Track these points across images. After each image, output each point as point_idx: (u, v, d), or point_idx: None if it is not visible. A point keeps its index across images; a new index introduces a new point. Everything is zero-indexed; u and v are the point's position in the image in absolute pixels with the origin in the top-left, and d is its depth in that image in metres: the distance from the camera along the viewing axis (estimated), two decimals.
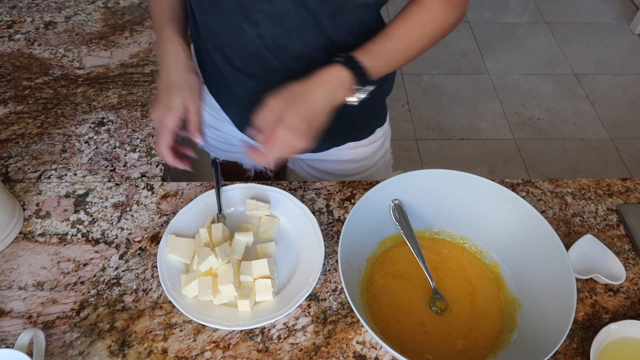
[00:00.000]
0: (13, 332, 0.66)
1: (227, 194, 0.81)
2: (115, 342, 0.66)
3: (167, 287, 0.68)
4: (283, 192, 0.79)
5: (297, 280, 0.71)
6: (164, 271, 0.70)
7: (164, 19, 0.76)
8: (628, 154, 2.28)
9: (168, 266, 0.71)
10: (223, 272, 0.69)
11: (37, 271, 0.72)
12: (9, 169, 0.85)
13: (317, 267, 0.70)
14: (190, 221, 0.76)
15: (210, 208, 0.78)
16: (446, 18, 0.73)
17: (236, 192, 0.81)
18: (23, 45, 1.08)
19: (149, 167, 0.86)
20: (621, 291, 0.73)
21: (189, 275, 0.69)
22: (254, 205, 0.78)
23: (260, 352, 0.65)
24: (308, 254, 0.73)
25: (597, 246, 0.75)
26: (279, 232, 0.78)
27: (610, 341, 0.65)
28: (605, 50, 2.81)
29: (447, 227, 0.76)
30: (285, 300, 0.68)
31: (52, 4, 1.19)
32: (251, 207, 0.78)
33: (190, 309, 0.66)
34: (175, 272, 0.70)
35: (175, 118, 0.71)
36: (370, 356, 0.65)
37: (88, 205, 0.80)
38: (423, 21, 0.73)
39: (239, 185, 0.81)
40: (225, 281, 0.68)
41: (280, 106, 0.66)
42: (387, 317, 0.68)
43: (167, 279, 0.69)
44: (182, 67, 0.73)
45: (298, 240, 0.76)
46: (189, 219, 0.77)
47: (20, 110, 0.95)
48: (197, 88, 0.73)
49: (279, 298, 0.69)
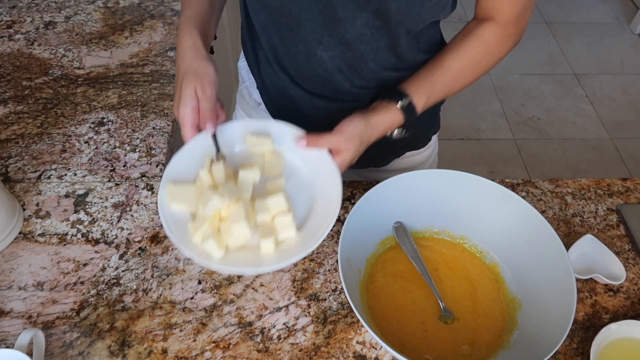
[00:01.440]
0: (13, 332, 0.66)
1: (225, 135, 0.72)
2: (115, 342, 0.66)
3: (177, 238, 0.61)
4: (285, 124, 0.73)
5: (317, 215, 0.66)
6: (170, 224, 0.62)
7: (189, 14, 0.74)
8: (628, 154, 2.28)
9: (174, 219, 0.63)
10: (233, 212, 0.63)
11: (37, 271, 0.72)
12: (8, 169, 0.85)
13: (336, 199, 0.65)
14: (188, 166, 0.69)
15: (206, 150, 0.70)
16: (502, 50, 0.75)
17: (234, 131, 0.73)
18: (23, 45, 1.08)
19: (149, 167, 0.86)
20: (621, 291, 0.73)
21: (197, 222, 0.63)
22: (256, 140, 0.71)
23: (260, 352, 0.65)
24: (323, 187, 0.68)
25: (597, 246, 0.75)
26: (286, 168, 0.71)
27: (610, 341, 0.65)
28: (605, 50, 2.81)
29: (447, 227, 0.76)
30: (308, 236, 0.63)
31: (52, 4, 1.19)
32: (253, 143, 0.71)
33: (206, 259, 0.60)
34: (182, 225, 0.63)
35: (189, 110, 0.67)
36: (370, 356, 0.65)
37: (88, 205, 0.80)
38: (480, 55, 0.74)
39: (236, 122, 0.74)
40: (237, 220, 0.61)
41: (352, 148, 0.69)
42: (388, 316, 0.67)
43: (175, 230, 0.62)
44: (191, 56, 0.70)
45: (309, 174, 0.70)
46: (186, 165, 0.69)
47: (20, 110, 0.95)
48: (206, 73, 0.69)
49: (301, 235, 0.64)
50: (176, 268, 0.73)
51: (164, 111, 0.95)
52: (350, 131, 0.69)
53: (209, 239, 0.61)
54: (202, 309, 0.69)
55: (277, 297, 0.71)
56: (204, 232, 0.62)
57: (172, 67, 1.04)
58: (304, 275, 0.73)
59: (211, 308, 0.69)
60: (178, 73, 0.71)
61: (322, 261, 0.74)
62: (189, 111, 0.67)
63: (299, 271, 0.73)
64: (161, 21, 1.15)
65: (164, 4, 1.19)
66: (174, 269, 0.73)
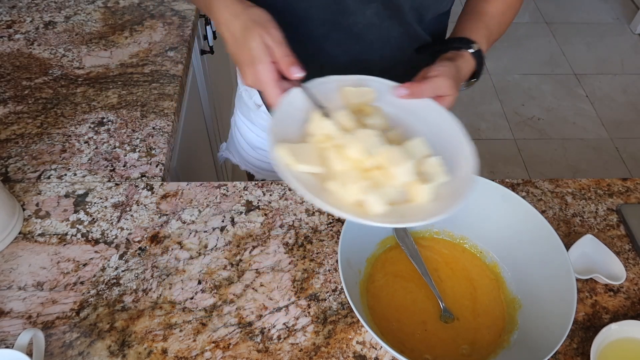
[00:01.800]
0: (13, 332, 0.66)
1: (316, 91, 0.63)
2: (115, 342, 0.66)
3: (324, 200, 0.52)
4: (374, 77, 0.66)
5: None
6: (310, 187, 0.53)
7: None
8: (628, 154, 2.28)
9: (304, 182, 0.54)
10: (387, 156, 0.54)
11: (37, 271, 0.72)
12: (8, 169, 0.85)
13: (464, 141, 0.61)
14: (292, 127, 0.60)
15: (302, 111, 0.61)
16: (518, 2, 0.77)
17: (326, 87, 0.65)
18: (23, 45, 1.08)
19: (149, 167, 0.86)
20: (621, 291, 0.73)
21: (342, 178, 0.54)
22: (356, 93, 0.63)
23: (260, 352, 0.65)
24: (441, 137, 0.62)
25: (597, 246, 0.75)
26: (393, 124, 0.63)
27: (610, 341, 0.65)
28: (605, 50, 2.81)
29: (447, 227, 0.76)
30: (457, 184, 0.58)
31: (52, 4, 1.19)
32: (351, 95, 0.63)
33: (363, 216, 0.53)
34: (312, 186, 0.55)
35: (267, 66, 0.59)
36: (370, 356, 0.65)
37: (88, 205, 0.80)
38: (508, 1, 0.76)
39: (325, 79, 0.65)
40: (398, 162, 0.53)
41: (455, 92, 0.66)
42: (388, 316, 0.67)
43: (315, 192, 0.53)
44: (238, 10, 0.61)
45: (422, 127, 0.63)
46: (290, 125, 0.60)
47: (19, 110, 0.95)
48: (266, 19, 0.61)
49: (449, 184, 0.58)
50: (176, 268, 0.73)
51: (164, 111, 0.95)
52: (452, 74, 0.65)
53: (370, 192, 0.53)
54: (202, 309, 0.69)
55: (277, 297, 0.71)
56: (362, 186, 0.54)
57: (172, 67, 1.04)
58: (304, 275, 0.73)
59: (211, 308, 0.69)
60: (228, 40, 0.62)
61: (322, 261, 0.74)
62: (266, 68, 0.58)
63: (299, 271, 0.73)
64: (161, 21, 1.15)
65: (164, 4, 1.19)
66: (173, 269, 0.73)
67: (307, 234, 0.77)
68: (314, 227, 0.78)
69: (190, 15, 1.16)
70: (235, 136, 1.01)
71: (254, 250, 0.75)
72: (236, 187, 0.83)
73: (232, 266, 0.73)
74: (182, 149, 1.11)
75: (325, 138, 0.58)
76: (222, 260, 0.74)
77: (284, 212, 0.80)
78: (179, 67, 1.04)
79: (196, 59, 1.30)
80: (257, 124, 0.93)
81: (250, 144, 0.97)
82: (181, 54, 1.07)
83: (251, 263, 0.74)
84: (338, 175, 0.55)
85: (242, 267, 0.73)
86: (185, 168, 1.14)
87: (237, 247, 0.76)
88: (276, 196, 0.82)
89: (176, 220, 0.78)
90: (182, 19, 1.15)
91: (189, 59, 1.11)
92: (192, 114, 1.27)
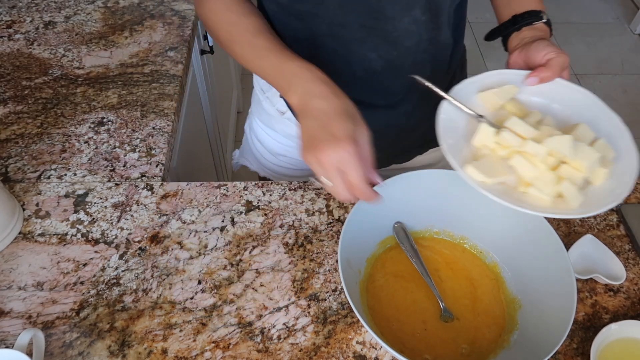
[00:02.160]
0: (13, 332, 0.66)
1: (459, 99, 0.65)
2: (115, 342, 0.66)
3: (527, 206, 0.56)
4: (509, 71, 0.68)
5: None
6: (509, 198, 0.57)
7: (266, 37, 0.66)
8: None
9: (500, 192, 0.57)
10: (582, 155, 0.58)
11: (37, 271, 0.72)
12: (8, 169, 0.85)
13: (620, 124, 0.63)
14: (459, 141, 0.62)
15: (458, 123, 0.63)
16: None
17: (463, 93, 0.66)
18: (23, 45, 1.08)
19: (149, 167, 0.86)
20: (621, 291, 0.73)
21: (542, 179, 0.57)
22: (500, 94, 0.65)
23: (260, 352, 0.65)
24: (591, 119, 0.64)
25: (597, 246, 0.75)
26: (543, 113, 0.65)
27: (610, 341, 0.65)
28: (605, 50, 2.81)
29: (447, 227, 0.76)
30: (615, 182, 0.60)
31: (52, 4, 1.19)
32: (498, 98, 0.65)
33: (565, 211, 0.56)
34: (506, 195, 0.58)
35: (356, 149, 0.55)
36: (370, 356, 0.65)
37: (88, 205, 0.80)
38: None
39: (460, 85, 0.66)
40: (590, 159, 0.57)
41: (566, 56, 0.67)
42: (388, 316, 0.67)
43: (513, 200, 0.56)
44: (330, 91, 0.59)
45: (561, 107, 0.66)
46: (456, 140, 0.62)
47: (19, 110, 0.95)
48: (359, 115, 0.60)
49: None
50: (176, 268, 0.73)
51: (164, 111, 0.95)
52: (556, 47, 0.67)
53: (567, 188, 0.57)
54: (202, 309, 0.69)
55: (277, 297, 0.71)
56: (558, 184, 0.57)
57: (172, 67, 1.04)
58: (304, 275, 0.73)
59: (211, 308, 0.69)
60: (312, 109, 0.58)
61: (322, 261, 0.74)
62: (357, 150, 0.56)
63: (299, 271, 0.73)
64: (161, 21, 1.15)
65: (164, 4, 1.19)
66: (173, 269, 0.73)
67: (307, 234, 0.77)
68: (314, 227, 0.78)
69: (190, 15, 1.16)
70: (253, 143, 1.00)
71: (254, 250, 0.75)
72: (236, 187, 0.83)
73: (232, 266, 0.73)
74: (182, 149, 1.11)
75: (499, 146, 0.61)
76: (222, 260, 0.74)
77: (284, 212, 0.80)
78: (179, 67, 1.04)
79: (196, 59, 1.30)
80: (280, 131, 0.92)
81: (271, 151, 0.96)
82: (181, 54, 1.07)
83: (251, 263, 0.74)
84: (530, 178, 0.58)
85: (242, 267, 0.73)
86: (185, 168, 1.15)
87: (237, 247, 0.76)
88: (276, 196, 0.82)
89: (176, 220, 0.78)
90: (182, 19, 1.15)
91: (189, 59, 1.11)
92: (192, 114, 1.27)
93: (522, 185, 0.60)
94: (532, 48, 0.68)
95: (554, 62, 0.66)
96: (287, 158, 0.96)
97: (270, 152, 0.97)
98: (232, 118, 2.14)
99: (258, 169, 1.03)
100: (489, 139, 0.61)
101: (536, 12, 0.72)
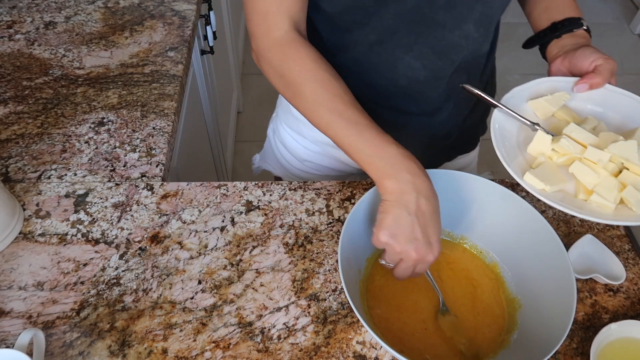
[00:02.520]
0: (13, 332, 0.66)
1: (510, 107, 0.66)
2: (115, 342, 0.66)
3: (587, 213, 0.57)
4: (558, 78, 0.69)
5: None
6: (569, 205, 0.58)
7: (357, 109, 0.64)
8: None
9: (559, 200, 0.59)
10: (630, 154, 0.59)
11: (37, 271, 0.72)
12: (9, 169, 0.85)
13: None
14: (513, 149, 0.64)
15: (510, 131, 0.65)
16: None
17: (513, 102, 0.68)
18: (23, 45, 1.08)
19: (149, 167, 0.86)
20: (621, 291, 0.73)
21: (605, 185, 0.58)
22: (552, 101, 0.66)
23: (260, 352, 0.65)
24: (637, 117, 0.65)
25: (597, 246, 0.75)
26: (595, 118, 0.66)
27: (610, 341, 0.65)
28: (606, 50, 2.80)
29: (447, 227, 0.76)
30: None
31: (52, 4, 1.19)
32: (551, 105, 0.66)
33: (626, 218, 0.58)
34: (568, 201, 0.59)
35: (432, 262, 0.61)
36: (370, 356, 0.65)
37: (88, 205, 0.80)
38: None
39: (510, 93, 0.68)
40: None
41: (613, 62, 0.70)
42: (388, 316, 0.68)
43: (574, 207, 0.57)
44: (430, 188, 0.62)
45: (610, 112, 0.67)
46: (511, 148, 0.64)
47: (20, 110, 0.95)
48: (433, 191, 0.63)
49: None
50: (176, 268, 0.73)
51: (164, 111, 0.95)
52: (601, 53, 0.68)
53: (631, 194, 0.58)
54: (202, 309, 0.69)
55: (277, 297, 0.71)
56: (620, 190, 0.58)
57: (172, 67, 1.04)
58: (304, 275, 0.73)
59: (211, 308, 0.69)
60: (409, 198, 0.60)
61: (322, 261, 0.74)
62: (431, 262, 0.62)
63: (299, 271, 0.73)
64: (161, 21, 1.15)
65: (164, 4, 1.19)
66: (174, 269, 0.73)
67: (307, 234, 0.77)
68: (314, 227, 0.78)
69: (190, 16, 1.16)
70: (277, 147, 0.99)
71: (254, 250, 0.76)
72: (236, 187, 0.83)
73: (232, 266, 0.74)
74: (182, 149, 1.11)
75: (556, 154, 0.62)
76: (222, 260, 0.74)
77: (284, 212, 0.80)
78: (179, 67, 1.04)
79: (196, 59, 1.30)
80: (308, 137, 0.90)
81: (297, 156, 0.96)
82: (181, 54, 1.07)
83: (251, 263, 0.74)
84: (592, 185, 0.59)
85: (242, 267, 0.73)
86: (185, 168, 1.15)
87: (237, 247, 0.76)
88: (276, 196, 0.82)
89: (176, 220, 0.79)
90: (182, 19, 1.16)
91: (189, 59, 1.11)
92: (192, 114, 1.28)
93: (581, 192, 0.60)
94: (577, 55, 0.68)
95: (603, 68, 0.67)
96: (312, 164, 0.96)
97: (296, 157, 0.96)
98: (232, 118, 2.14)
99: (282, 173, 1.03)
100: (545, 146, 0.62)
101: (576, 19, 0.73)
